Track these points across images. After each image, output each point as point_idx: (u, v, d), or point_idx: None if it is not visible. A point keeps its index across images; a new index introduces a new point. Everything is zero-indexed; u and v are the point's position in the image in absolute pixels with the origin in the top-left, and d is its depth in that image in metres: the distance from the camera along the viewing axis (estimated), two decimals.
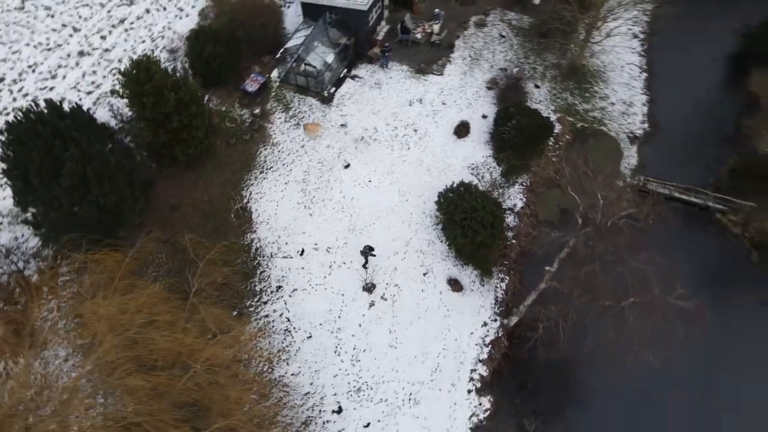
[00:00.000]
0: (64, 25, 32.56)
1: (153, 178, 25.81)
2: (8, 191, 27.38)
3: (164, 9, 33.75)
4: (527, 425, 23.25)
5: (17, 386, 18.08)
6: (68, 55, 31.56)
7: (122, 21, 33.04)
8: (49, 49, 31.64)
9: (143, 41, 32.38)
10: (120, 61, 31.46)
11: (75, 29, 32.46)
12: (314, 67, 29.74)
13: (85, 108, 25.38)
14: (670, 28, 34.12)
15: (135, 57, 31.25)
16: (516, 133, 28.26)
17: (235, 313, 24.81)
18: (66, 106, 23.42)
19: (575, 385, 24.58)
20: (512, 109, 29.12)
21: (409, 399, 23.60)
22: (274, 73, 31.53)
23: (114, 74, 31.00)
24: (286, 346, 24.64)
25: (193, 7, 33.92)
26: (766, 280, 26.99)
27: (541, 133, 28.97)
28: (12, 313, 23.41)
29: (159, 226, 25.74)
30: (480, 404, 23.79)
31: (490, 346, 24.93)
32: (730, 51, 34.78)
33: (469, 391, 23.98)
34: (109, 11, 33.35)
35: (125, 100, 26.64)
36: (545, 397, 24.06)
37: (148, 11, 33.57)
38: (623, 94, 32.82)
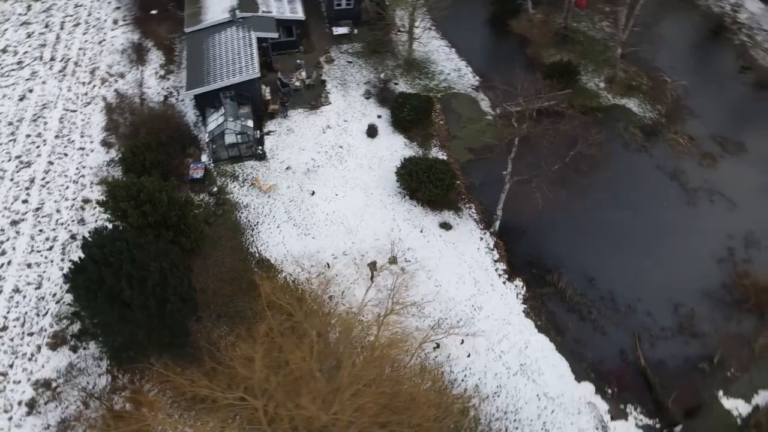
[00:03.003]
0: None
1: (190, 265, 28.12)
2: (41, 359, 27.19)
3: (66, 155, 34.99)
4: (551, 280, 31.54)
5: None
6: (2, 230, 31.25)
7: (32, 181, 33.53)
8: None
9: (67, 187, 33.39)
10: (58, 211, 32.24)
11: None
12: (244, 133, 34.55)
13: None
14: (445, 17, 46.36)
15: (67, 202, 32.86)
16: (415, 113, 36.86)
17: None
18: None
19: (562, 238, 33.38)
20: (400, 99, 37.72)
21: (474, 308, 30.10)
22: (204, 157, 35.39)
23: (63, 225, 31.82)
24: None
25: (91, 141, 35.77)
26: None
27: (429, 106, 38.07)
28: None
29: (204, 307, 28.38)
30: (516, 286, 31.35)
31: (494, 249, 32.73)
32: (488, 16, 48.56)
33: (504, 282, 31.40)
34: (12, 179, 33.48)
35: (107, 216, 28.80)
36: (549, 258, 32.66)
37: (51, 163, 34.48)
38: (450, 65, 43.91)
